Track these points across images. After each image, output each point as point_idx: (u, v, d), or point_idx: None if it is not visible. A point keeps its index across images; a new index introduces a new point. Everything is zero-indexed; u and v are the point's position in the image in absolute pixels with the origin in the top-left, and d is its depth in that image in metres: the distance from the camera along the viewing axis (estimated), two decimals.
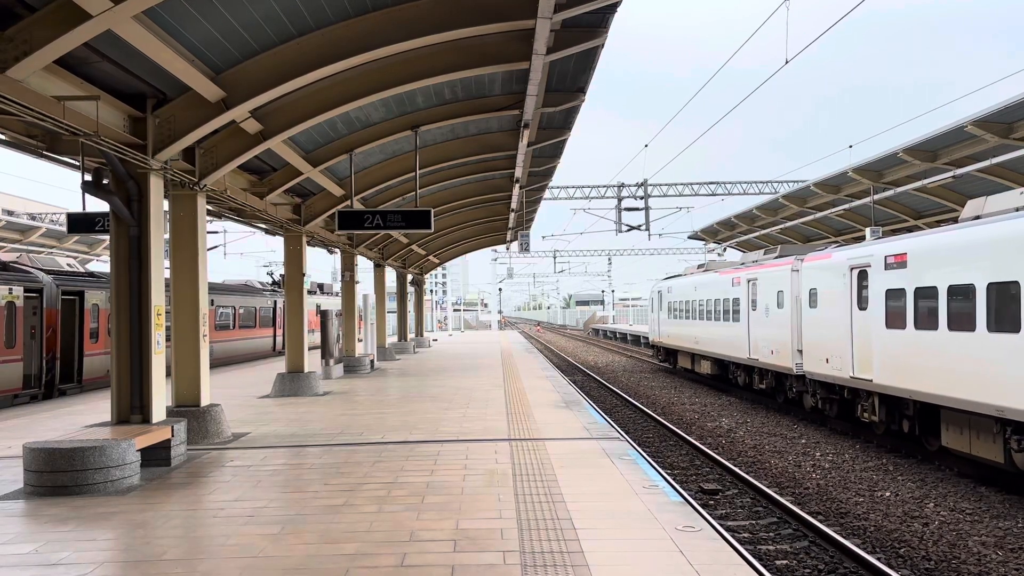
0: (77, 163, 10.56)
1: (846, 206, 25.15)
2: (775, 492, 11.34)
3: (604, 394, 24.48)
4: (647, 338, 47.83)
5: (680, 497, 7.68)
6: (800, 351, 17.64)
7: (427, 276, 42.67)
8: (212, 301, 26.46)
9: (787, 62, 13.36)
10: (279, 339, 34.55)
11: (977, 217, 12.30)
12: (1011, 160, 17.03)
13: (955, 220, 18.92)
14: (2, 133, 9.63)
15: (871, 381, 14.11)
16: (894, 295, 13.50)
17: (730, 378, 23.74)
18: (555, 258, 71.54)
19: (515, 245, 35.85)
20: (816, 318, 16.70)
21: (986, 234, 11.25)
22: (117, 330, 9.90)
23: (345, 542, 6.34)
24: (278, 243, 67.29)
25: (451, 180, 19.21)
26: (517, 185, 19.48)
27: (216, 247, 43.15)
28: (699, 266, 28.60)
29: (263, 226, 18.86)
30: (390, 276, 33.10)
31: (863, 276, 14.74)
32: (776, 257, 20.25)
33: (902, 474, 12.41)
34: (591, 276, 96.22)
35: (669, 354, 31.73)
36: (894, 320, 13.45)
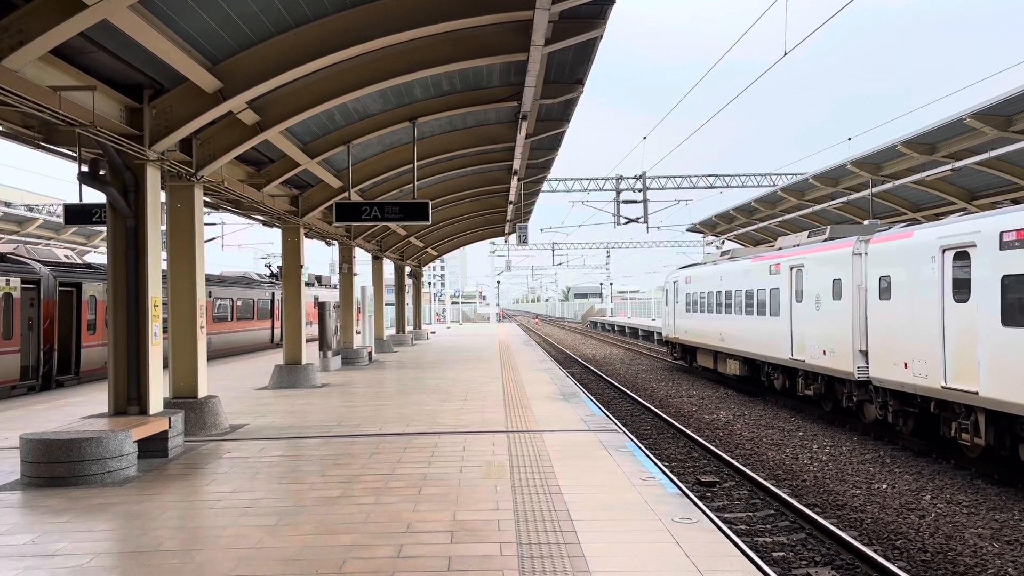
0: (74, 154, 10.53)
1: (844, 199, 25.14)
2: (772, 484, 11.35)
3: (602, 386, 24.51)
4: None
5: (677, 489, 7.68)
6: (864, 352, 14.67)
7: (425, 268, 42.66)
8: (210, 293, 26.43)
9: (785, 54, 13.33)
10: (277, 331, 34.53)
11: None
12: (1010, 153, 17.02)
13: (959, 212, 17.95)
14: None
15: (975, 394, 11.20)
16: (1017, 283, 10.62)
17: (762, 380, 20.63)
18: (553, 251, 71.55)
19: (513, 238, 35.81)
20: (889, 312, 13.59)
21: None
22: (114, 321, 9.89)
23: (342, 533, 6.34)
24: (276, 235, 67.24)
25: (449, 172, 19.19)
26: (515, 177, 19.45)
27: (214, 239, 43.10)
28: (723, 253, 25.43)
29: (261, 218, 18.82)
30: (388, 268, 33.08)
31: (962, 259, 11.78)
32: (825, 239, 17.13)
33: (899, 466, 12.43)
34: (589, 269, 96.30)
35: (686, 352, 28.55)
36: (1015, 315, 10.58)
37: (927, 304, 12.46)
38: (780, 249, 19.67)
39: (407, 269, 36.24)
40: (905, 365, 13.01)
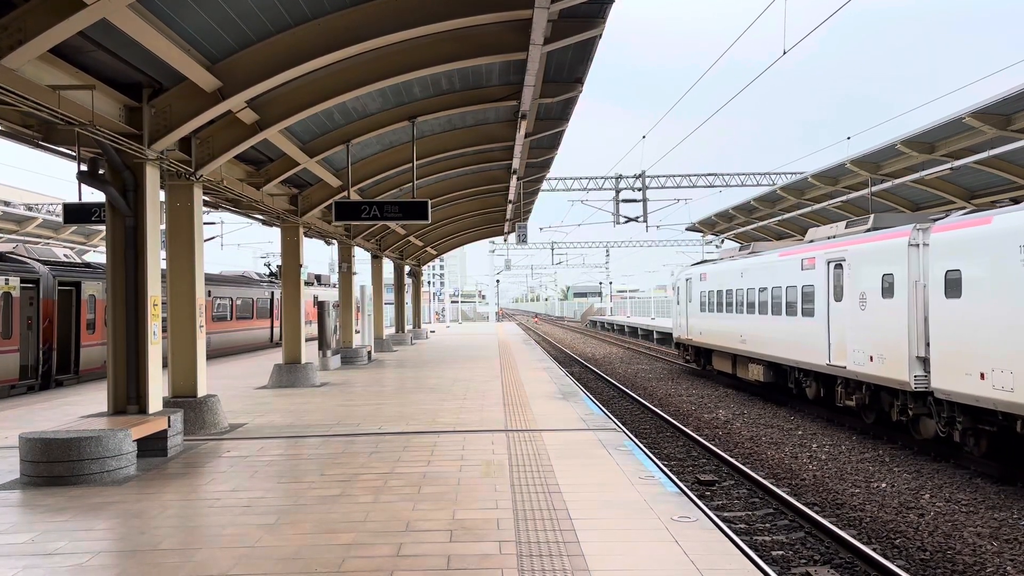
0: (73, 153, 10.52)
1: (844, 198, 25.14)
2: (771, 483, 11.36)
3: (601, 385, 24.51)
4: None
5: (676, 488, 7.69)
6: (923, 359, 12.74)
7: (424, 267, 42.66)
8: (209, 292, 26.43)
9: (784, 53, 13.33)
10: (276, 330, 34.53)
11: None
12: (1009, 152, 17.03)
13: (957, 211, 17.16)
14: None
15: None
16: None
17: (789, 388, 18.72)
18: (553, 250, 71.56)
19: (513, 237, 35.83)
20: (959, 313, 11.68)
21: None
22: (113, 321, 9.88)
23: (341, 532, 6.35)
24: (275, 234, 67.34)
25: (448, 171, 19.19)
26: (514, 176, 19.46)
27: (213, 238, 43.08)
28: (742, 248, 23.37)
29: (260, 217, 18.82)
30: (387, 267, 33.08)
31: None
32: (868, 229, 15.26)
33: (898, 465, 12.44)
34: (589, 268, 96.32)
35: (700, 354, 26.59)
36: None
37: (1012, 303, 10.57)
38: (812, 242, 17.71)
39: (406, 268, 36.25)
40: (982, 375, 11.08)
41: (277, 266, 37.15)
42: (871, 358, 14.21)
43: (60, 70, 8.43)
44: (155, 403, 10.00)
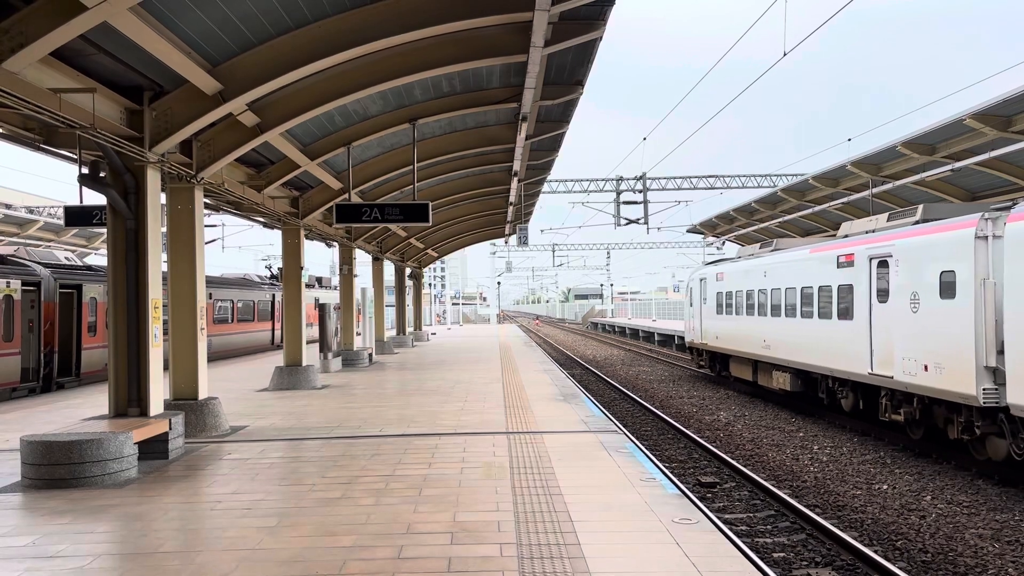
0: (74, 156, 10.54)
1: (845, 199, 25.13)
2: (772, 485, 11.35)
3: (602, 387, 24.51)
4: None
5: (677, 490, 7.68)
6: (993, 370, 11.14)
7: (425, 270, 42.66)
8: (210, 295, 26.44)
9: (785, 54, 13.34)
10: (277, 333, 34.54)
11: None
12: (1010, 153, 17.02)
13: None
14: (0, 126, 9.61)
15: None
16: None
17: (820, 398, 17.21)
18: (554, 252, 71.56)
19: (513, 239, 35.82)
20: None
21: None
22: (115, 323, 9.89)
23: (342, 535, 6.35)
24: (276, 237, 67.36)
25: (449, 173, 19.20)
26: (515, 178, 19.46)
27: (214, 240, 43.11)
28: (763, 245, 21.75)
29: (261, 219, 18.84)
30: (388, 270, 33.10)
31: None
32: (918, 221, 13.70)
33: (899, 467, 12.43)
34: (590, 270, 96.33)
35: (715, 360, 24.89)
36: None
37: None
38: (847, 237, 16.15)
39: (407, 270, 36.25)
40: None
41: (278, 268, 37.16)
42: (925, 367, 12.45)
43: (61, 73, 8.45)
44: (156, 406, 10.00)
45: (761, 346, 19.75)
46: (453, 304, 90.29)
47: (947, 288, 12.07)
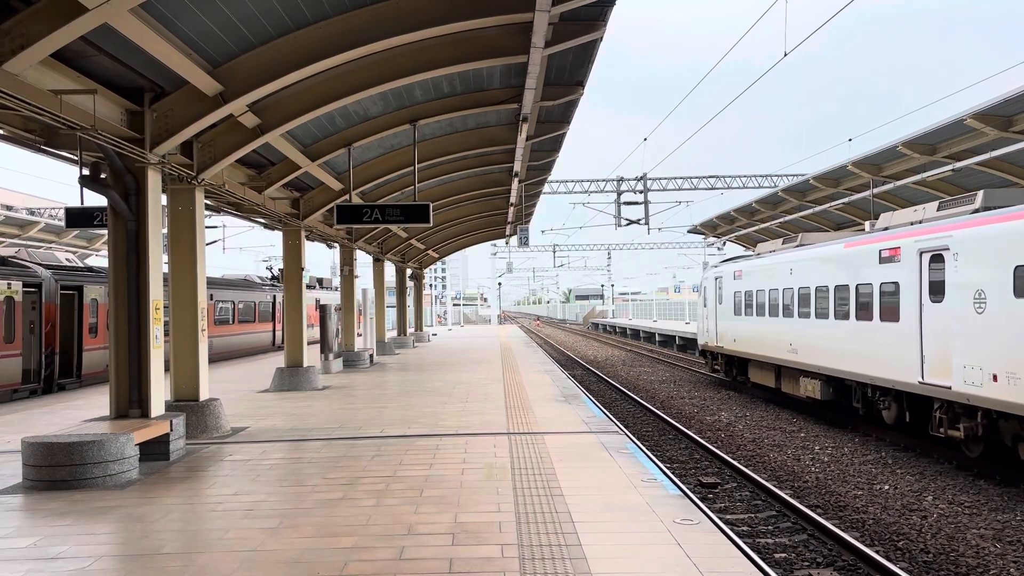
0: (75, 157, 10.55)
1: (846, 199, 25.13)
2: (774, 485, 11.34)
3: (603, 388, 24.50)
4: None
5: (679, 490, 7.68)
6: None
7: (426, 271, 42.67)
8: (211, 296, 26.45)
9: (785, 55, 13.34)
10: (278, 334, 34.55)
11: None
12: (1010, 153, 17.02)
13: None
14: (1, 127, 9.61)
15: None
16: None
17: (855, 407, 15.56)
18: (554, 252, 71.58)
19: (514, 239, 35.84)
20: None
21: None
22: (116, 325, 9.89)
23: (343, 535, 6.34)
24: (277, 238, 67.41)
25: (450, 174, 19.20)
26: (516, 179, 19.47)
27: (215, 242, 43.12)
28: (785, 240, 20.13)
29: (262, 220, 18.85)
30: (389, 270, 33.10)
31: None
32: (977, 210, 12.31)
33: (901, 467, 12.42)
34: (590, 270, 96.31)
35: (732, 365, 23.17)
36: None
37: None
38: (887, 229, 14.60)
39: (408, 271, 36.26)
40: None
41: (279, 269, 37.17)
42: (994, 377, 10.90)
43: (62, 74, 8.45)
44: (157, 407, 10.00)
45: (786, 350, 18.20)
46: (454, 305, 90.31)
47: (1022, 285, 10.44)
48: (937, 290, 12.31)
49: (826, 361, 16.12)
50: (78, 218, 11.85)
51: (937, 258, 12.36)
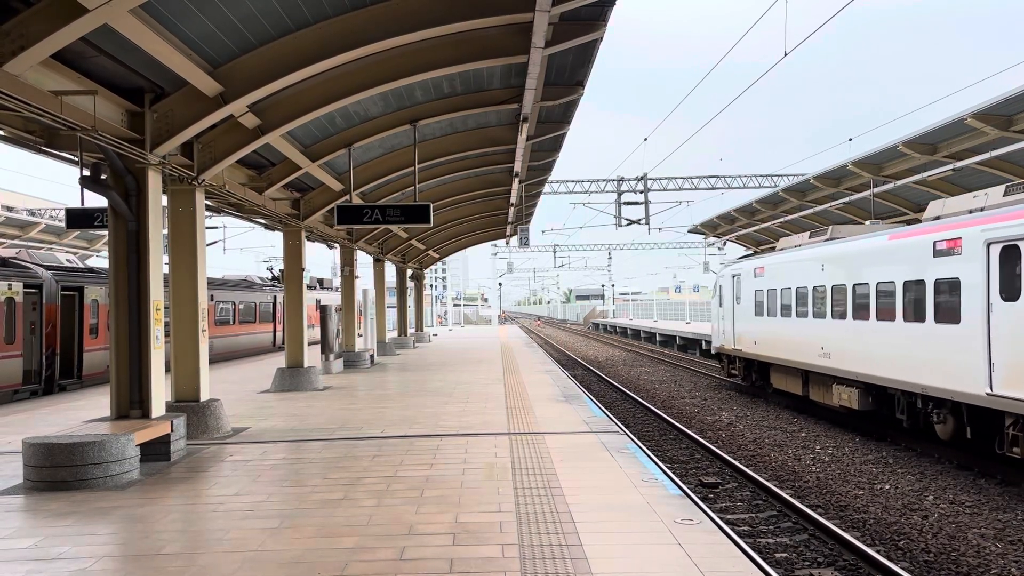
0: (75, 158, 10.56)
1: (846, 199, 25.13)
2: (774, 485, 11.34)
3: (604, 388, 24.50)
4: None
5: (679, 490, 7.68)
6: None
7: (427, 271, 42.67)
8: (211, 296, 26.45)
9: (785, 55, 13.34)
10: (279, 334, 34.55)
11: None
12: (1011, 153, 17.02)
13: None
14: (1, 128, 9.62)
15: None
16: None
17: (899, 419, 13.98)
18: (555, 252, 71.58)
19: (515, 240, 35.83)
20: None
21: None
22: (116, 325, 9.90)
23: (344, 536, 6.35)
24: (277, 238, 67.40)
25: (450, 174, 19.20)
26: (516, 179, 19.47)
27: (215, 242, 43.14)
28: (813, 233, 18.55)
29: (262, 221, 18.85)
30: (390, 271, 33.10)
31: None
32: None
33: (902, 467, 12.42)
34: (591, 271, 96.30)
35: (752, 369, 21.61)
36: None
37: None
38: (939, 219, 13.02)
39: (409, 272, 36.26)
40: None
41: (279, 270, 37.18)
42: None
43: (62, 75, 8.45)
44: (158, 407, 10.00)
45: (817, 354, 16.54)
46: (454, 305, 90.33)
47: None
48: (1010, 288, 10.68)
49: (866, 367, 14.50)
50: (79, 219, 11.86)
51: (1011, 250, 10.69)
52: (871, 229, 16.78)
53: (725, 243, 43.29)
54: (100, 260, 42.25)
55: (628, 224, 35.42)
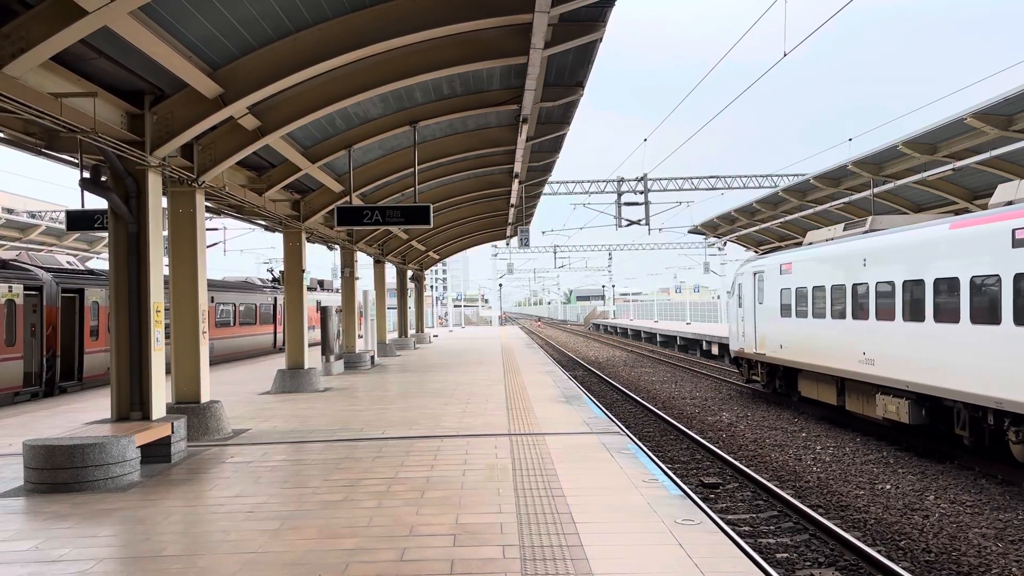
0: (76, 160, 10.55)
1: (846, 199, 25.11)
2: (775, 486, 11.34)
3: (604, 389, 24.49)
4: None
5: (680, 491, 7.68)
6: None
7: (427, 272, 42.67)
8: (212, 298, 26.46)
9: (785, 55, 13.34)
10: (279, 336, 34.56)
11: None
12: (1011, 152, 17.01)
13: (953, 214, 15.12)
14: (1, 131, 9.62)
15: None
16: None
17: (959, 434, 12.33)
18: (555, 253, 71.52)
19: (515, 240, 35.83)
20: None
21: None
22: (116, 327, 9.90)
23: (345, 537, 6.34)
24: (278, 240, 67.43)
25: (450, 175, 19.20)
26: (516, 180, 19.48)
27: (216, 244, 43.13)
28: (848, 226, 17.08)
29: (262, 223, 18.85)
30: (390, 272, 33.11)
31: None
32: None
33: (902, 467, 12.41)
34: (591, 271, 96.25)
35: (776, 375, 19.89)
36: None
37: None
38: (1012, 204, 11.50)
39: (409, 273, 36.26)
40: None
41: (280, 271, 37.17)
42: None
43: (62, 78, 8.46)
44: (158, 409, 10.00)
45: (858, 360, 14.81)
46: (455, 306, 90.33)
47: None
48: None
49: (920, 376, 12.73)
50: (79, 221, 11.86)
51: None
52: (917, 219, 15.46)
53: (725, 243, 43.29)
54: (100, 262, 42.27)
55: (628, 225, 35.41)
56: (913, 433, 14.06)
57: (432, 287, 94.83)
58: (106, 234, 10.96)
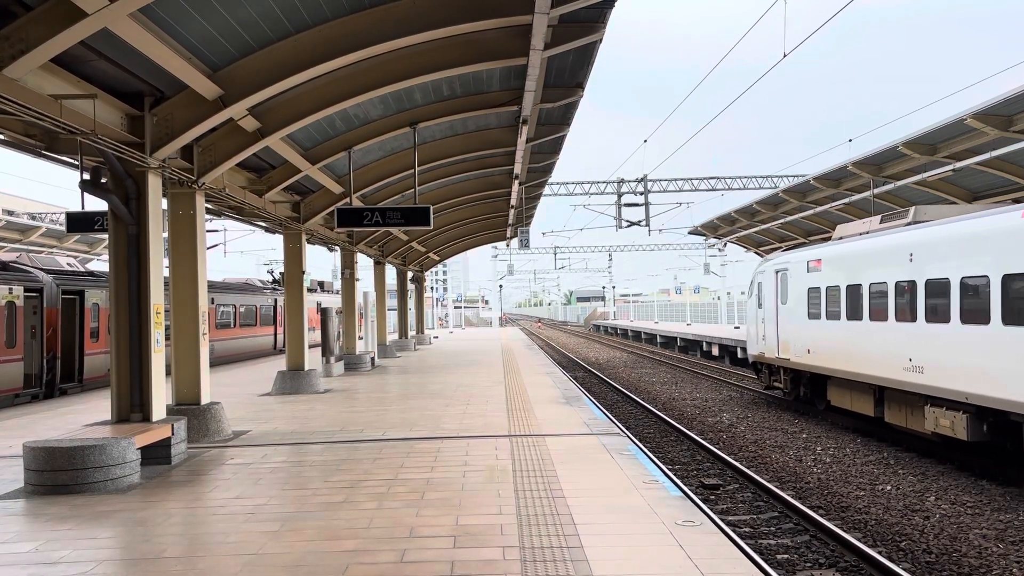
0: (76, 162, 10.55)
1: (846, 200, 25.11)
2: (776, 487, 11.33)
3: (605, 390, 24.49)
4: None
5: (680, 492, 7.68)
6: None
7: (427, 273, 42.68)
8: (212, 299, 26.45)
9: (785, 55, 13.34)
10: (280, 337, 34.56)
11: None
12: (1011, 153, 17.00)
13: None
14: (1, 133, 9.62)
15: None
16: None
17: None
18: (555, 254, 71.52)
19: (515, 242, 35.83)
20: None
21: None
22: (116, 329, 9.90)
23: (345, 539, 6.34)
24: (278, 241, 67.43)
25: (450, 177, 19.21)
26: (516, 181, 19.48)
27: (216, 245, 43.14)
28: (885, 218, 15.51)
29: (263, 224, 18.86)
30: (390, 273, 33.11)
31: None
32: None
33: (903, 468, 12.40)
34: (592, 272, 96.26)
35: (802, 381, 18.31)
36: None
37: None
38: None
39: (409, 274, 36.27)
40: None
41: (280, 273, 37.17)
42: None
43: (62, 79, 8.46)
44: (159, 411, 10.00)
45: (903, 367, 13.21)
46: (455, 307, 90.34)
47: None
48: None
49: (982, 387, 11.19)
50: (79, 223, 11.86)
51: None
52: (968, 209, 14.01)
53: (726, 244, 43.29)
54: (101, 264, 42.26)
55: (628, 226, 35.42)
56: (954, 447, 12.74)
57: (432, 288, 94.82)
58: (106, 236, 10.96)
